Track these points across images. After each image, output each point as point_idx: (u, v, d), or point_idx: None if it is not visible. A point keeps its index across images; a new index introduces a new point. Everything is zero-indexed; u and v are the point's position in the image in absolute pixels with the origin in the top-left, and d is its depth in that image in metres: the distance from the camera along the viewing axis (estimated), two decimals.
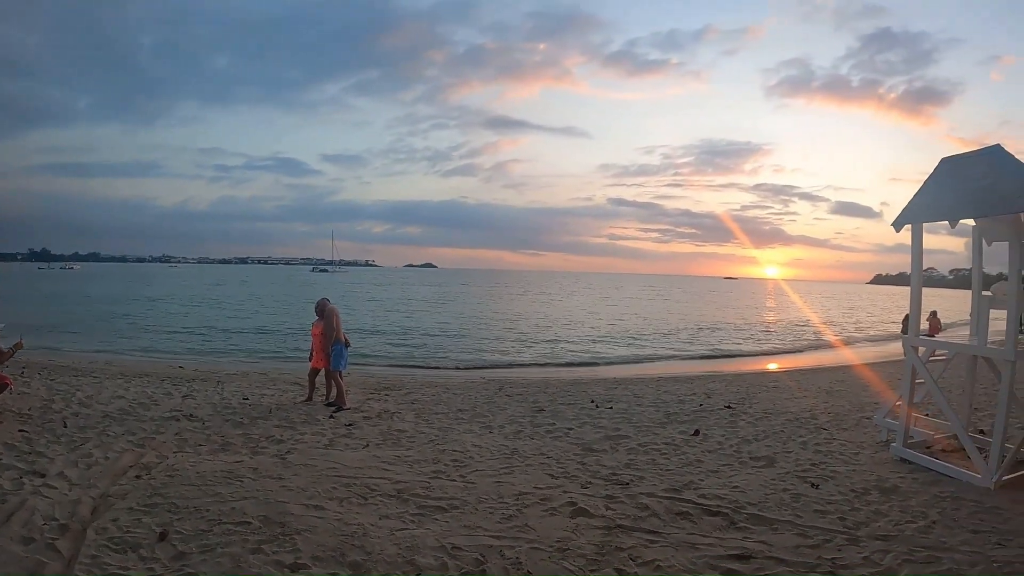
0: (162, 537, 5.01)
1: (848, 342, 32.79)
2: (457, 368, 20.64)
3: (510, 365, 21.69)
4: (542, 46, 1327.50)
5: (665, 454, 8.19)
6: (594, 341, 29.30)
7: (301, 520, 5.40)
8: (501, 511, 5.84)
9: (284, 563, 4.63)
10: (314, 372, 11.51)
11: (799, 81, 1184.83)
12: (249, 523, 5.31)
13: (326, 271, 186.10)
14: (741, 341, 32.24)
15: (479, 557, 4.82)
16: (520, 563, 4.75)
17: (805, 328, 41.47)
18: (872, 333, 38.65)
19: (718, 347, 29.04)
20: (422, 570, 4.59)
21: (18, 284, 77.73)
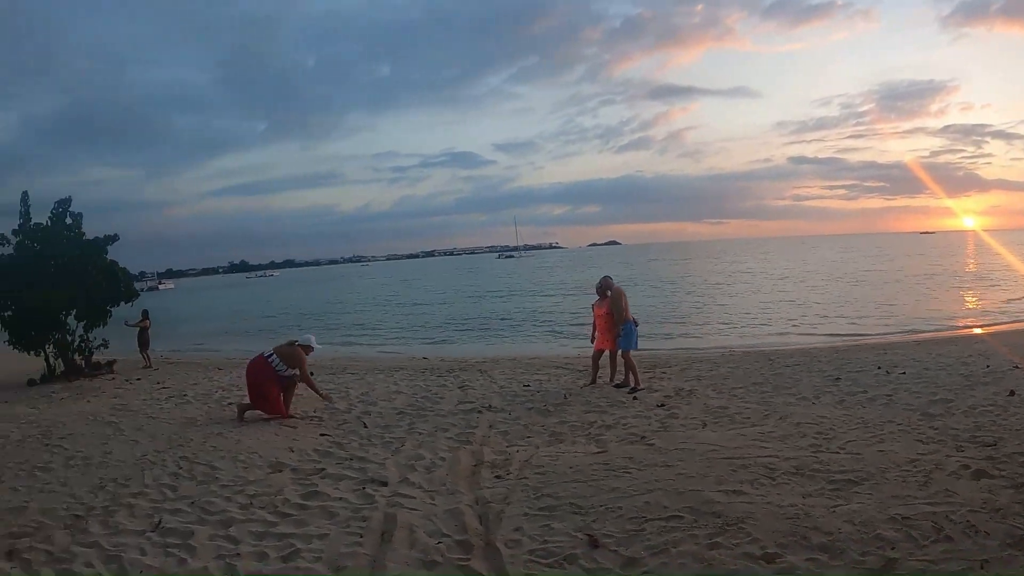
0: (594, 544, 4.44)
1: None
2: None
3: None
4: (699, 7, 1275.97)
5: (1000, 415, 7.40)
6: (824, 311, 26.40)
7: (731, 508, 4.85)
8: (912, 479, 5.33)
9: (754, 555, 4.13)
10: (598, 354, 10.96)
11: (975, 6, 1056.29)
12: (681, 517, 4.76)
13: (512, 256, 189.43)
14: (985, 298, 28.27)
15: (934, 524, 4.36)
16: (974, 527, 4.29)
17: None
18: None
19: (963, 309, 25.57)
20: (894, 544, 4.14)
21: (240, 293, 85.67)
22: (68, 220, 16.45)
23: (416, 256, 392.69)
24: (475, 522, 5.01)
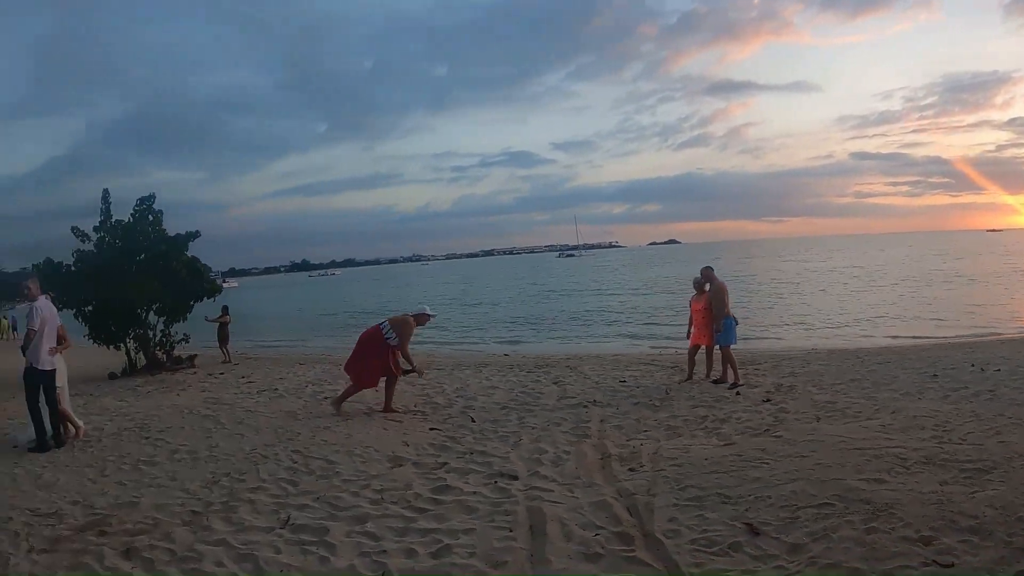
0: (754, 532, 4.41)
1: None
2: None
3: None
4: (755, 0, 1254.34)
5: None
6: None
7: (877, 495, 4.85)
8: None
9: (910, 538, 4.16)
10: (694, 349, 10.75)
11: None
12: (831, 504, 4.74)
13: (572, 255, 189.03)
14: None
15: None
16: None
17: None
18: None
19: None
20: None
21: (305, 290, 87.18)
22: (150, 217, 16.55)
23: (475, 255, 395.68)
24: (625, 514, 4.89)
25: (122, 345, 16.16)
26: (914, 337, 18.83)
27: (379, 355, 9.10)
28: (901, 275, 45.63)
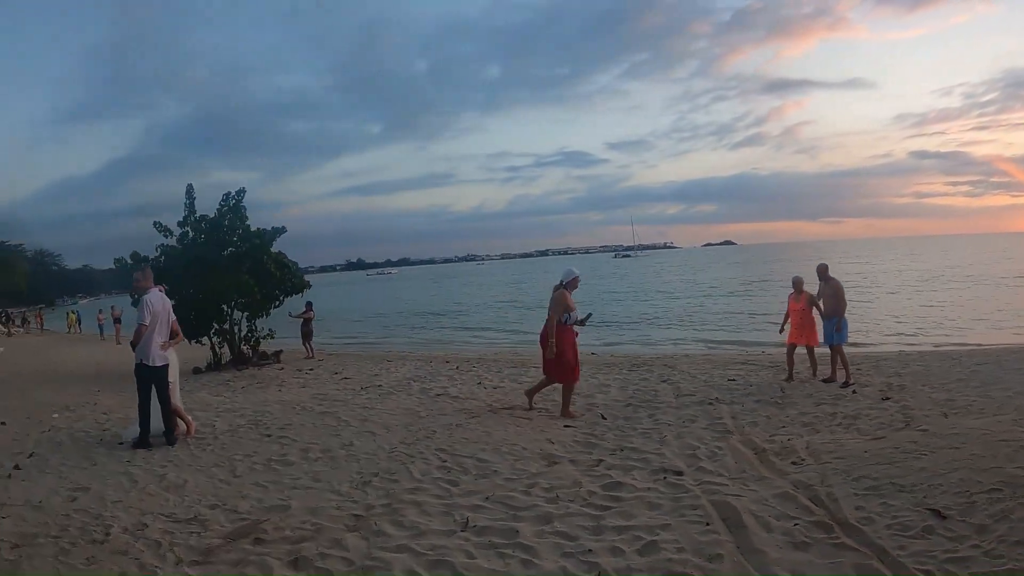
0: (940, 515, 4.55)
1: None
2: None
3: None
4: None
5: None
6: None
7: None
8: None
9: None
10: (791, 348, 10.75)
11: None
12: (999, 489, 4.87)
13: (629, 256, 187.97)
14: None
15: None
16: None
17: None
18: None
19: None
20: None
21: (365, 289, 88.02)
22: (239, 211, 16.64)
23: (530, 255, 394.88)
24: (812, 504, 4.94)
25: (207, 339, 16.35)
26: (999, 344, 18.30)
27: (564, 338, 8.50)
28: (971, 276, 44.27)
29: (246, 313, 16.73)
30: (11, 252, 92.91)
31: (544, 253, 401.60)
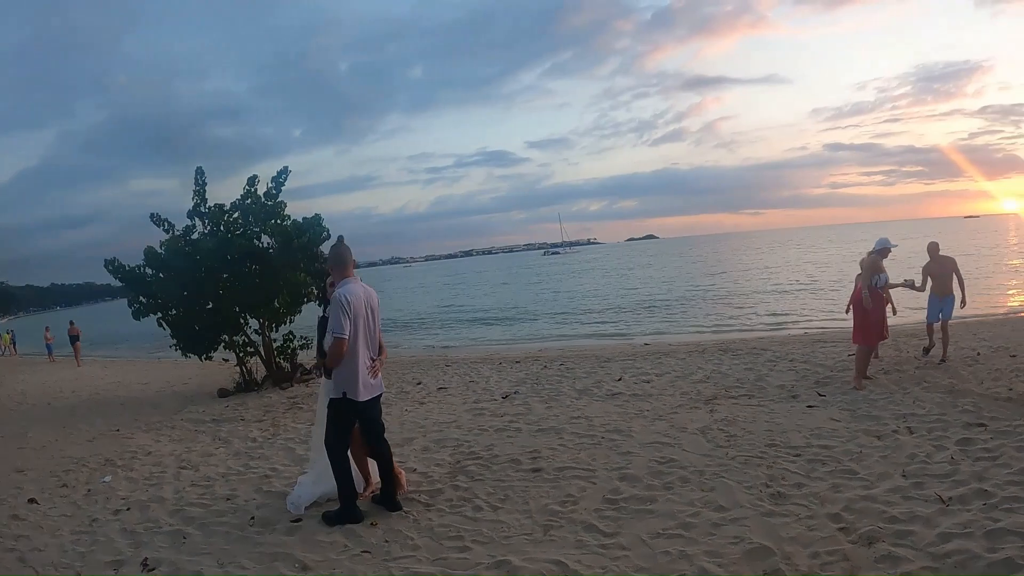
0: None
1: None
2: None
3: None
4: None
5: None
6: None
7: None
8: None
9: None
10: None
11: None
12: None
13: (558, 253, 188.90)
14: None
15: None
16: None
17: None
18: None
19: None
20: None
21: None
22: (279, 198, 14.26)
23: (455, 256, 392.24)
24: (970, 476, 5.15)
25: (233, 355, 14.11)
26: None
27: (874, 302, 8.92)
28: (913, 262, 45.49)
29: (265, 320, 13.95)
30: None
31: (468, 253, 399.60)
